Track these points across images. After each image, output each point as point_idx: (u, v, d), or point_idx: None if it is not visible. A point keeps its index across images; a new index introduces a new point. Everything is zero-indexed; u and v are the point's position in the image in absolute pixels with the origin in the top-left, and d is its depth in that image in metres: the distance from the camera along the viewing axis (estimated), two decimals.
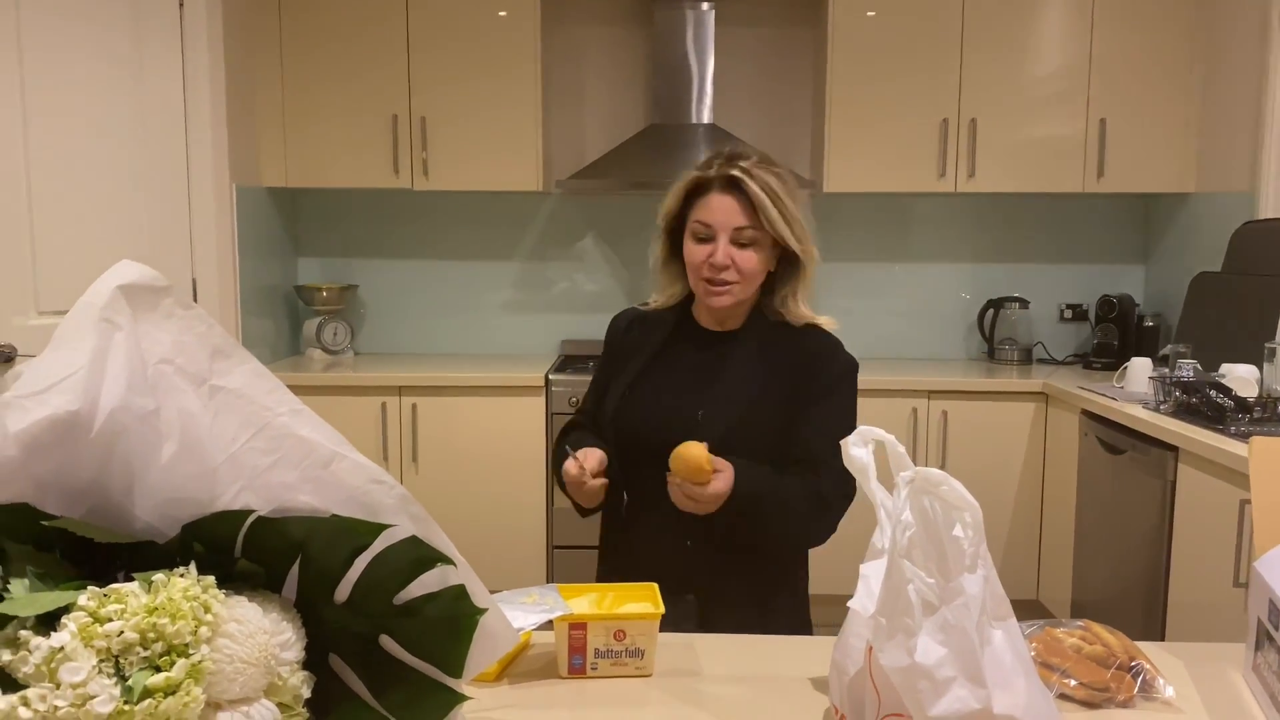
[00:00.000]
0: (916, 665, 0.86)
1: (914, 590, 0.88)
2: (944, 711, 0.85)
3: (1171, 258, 3.79)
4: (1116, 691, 1.03)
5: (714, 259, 1.62)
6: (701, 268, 1.64)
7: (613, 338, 1.85)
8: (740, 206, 1.62)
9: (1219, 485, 2.36)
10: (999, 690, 0.85)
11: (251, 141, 3.56)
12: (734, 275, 1.63)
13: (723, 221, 1.62)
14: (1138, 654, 1.07)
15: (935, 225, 4.00)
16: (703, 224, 1.64)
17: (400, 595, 0.92)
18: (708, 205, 1.64)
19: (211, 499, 0.88)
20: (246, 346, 3.11)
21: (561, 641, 1.10)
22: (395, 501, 0.90)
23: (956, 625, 0.86)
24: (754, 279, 1.66)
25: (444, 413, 3.47)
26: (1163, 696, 1.04)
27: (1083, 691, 1.03)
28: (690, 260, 1.67)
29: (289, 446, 0.89)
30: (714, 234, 1.63)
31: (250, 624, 0.85)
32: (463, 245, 4.03)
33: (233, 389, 0.87)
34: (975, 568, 0.89)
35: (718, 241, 1.62)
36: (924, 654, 0.86)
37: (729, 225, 1.62)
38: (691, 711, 1.05)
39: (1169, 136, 3.59)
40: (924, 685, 0.86)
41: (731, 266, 1.62)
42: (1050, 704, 0.91)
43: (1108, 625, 1.12)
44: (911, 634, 0.87)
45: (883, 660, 0.89)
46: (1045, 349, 3.97)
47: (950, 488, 0.89)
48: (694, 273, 1.67)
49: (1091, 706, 1.04)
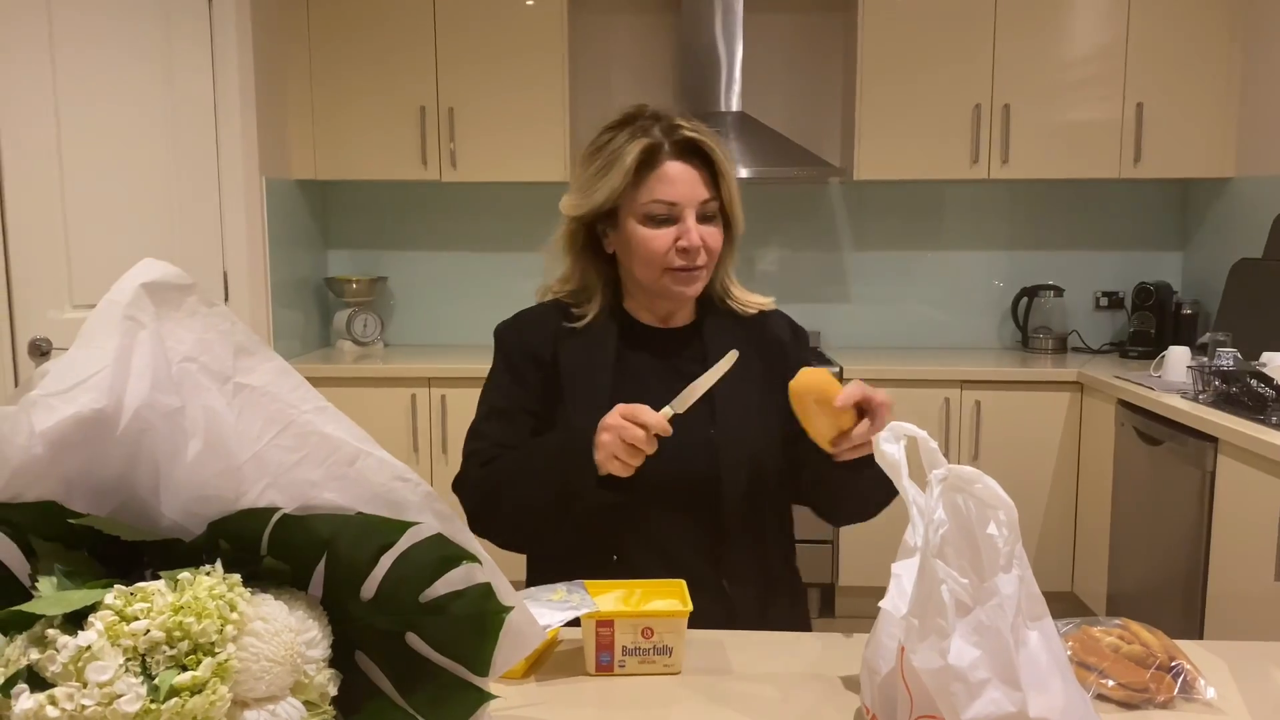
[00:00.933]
0: (950, 667, 0.84)
1: (947, 591, 0.86)
2: (978, 714, 0.83)
3: (1210, 244, 3.72)
4: (1156, 692, 1.01)
5: (687, 242, 1.38)
6: (666, 256, 1.39)
7: (516, 353, 1.54)
8: (701, 176, 1.39)
9: (1260, 477, 2.31)
10: (1034, 693, 0.83)
11: (281, 135, 3.57)
12: (704, 258, 1.40)
13: (689, 196, 1.38)
14: (1177, 653, 1.05)
15: (968, 212, 3.95)
16: (664, 202, 1.38)
17: (426, 593, 0.91)
18: (666, 178, 1.38)
19: (237, 496, 0.88)
20: (277, 339, 3.14)
21: (589, 639, 1.09)
22: (420, 499, 0.89)
23: (991, 626, 0.85)
24: (717, 258, 1.45)
25: (473, 404, 3.46)
26: (1204, 698, 1.01)
27: (1121, 692, 1.01)
28: (649, 248, 1.39)
29: (314, 444, 0.88)
30: (678, 213, 1.38)
31: (276, 622, 0.85)
32: (491, 236, 4.03)
33: (257, 386, 0.87)
34: (1010, 567, 0.87)
35: (685, 221, 1.38)
36: (957, 656, 0.84)
37: (694, 200, 1.38)
38: (721, 710, 1.03)
39: (1208, 120, 3.51)
40: (957, 688, 0.84)
41: (702, 248, 1.40)
42: (1087, 705, 0.89)
43: (1146, 623, 1.09)
44: (945, 635, 0.86)
45: (915, 662, 0.88)
46: (1080, 337, 3.91)
47: (985, 485, 0.87)
48: (652, 263, 1.40)
49: (1130, 707, 1.01)
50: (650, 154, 1.38)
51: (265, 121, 3.39)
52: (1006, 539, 0.86)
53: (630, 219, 1.41)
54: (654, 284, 1.43)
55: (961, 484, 0.88)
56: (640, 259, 1.41)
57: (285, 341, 3.59)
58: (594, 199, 1.41)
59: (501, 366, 1.55)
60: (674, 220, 1.38)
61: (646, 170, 1.38)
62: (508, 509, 1.39)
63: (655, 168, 1.38)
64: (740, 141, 3.60)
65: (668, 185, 1.38)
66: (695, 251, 1.39)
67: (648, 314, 1.51)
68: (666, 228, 1.39)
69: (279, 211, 3.53)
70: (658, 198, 1.38)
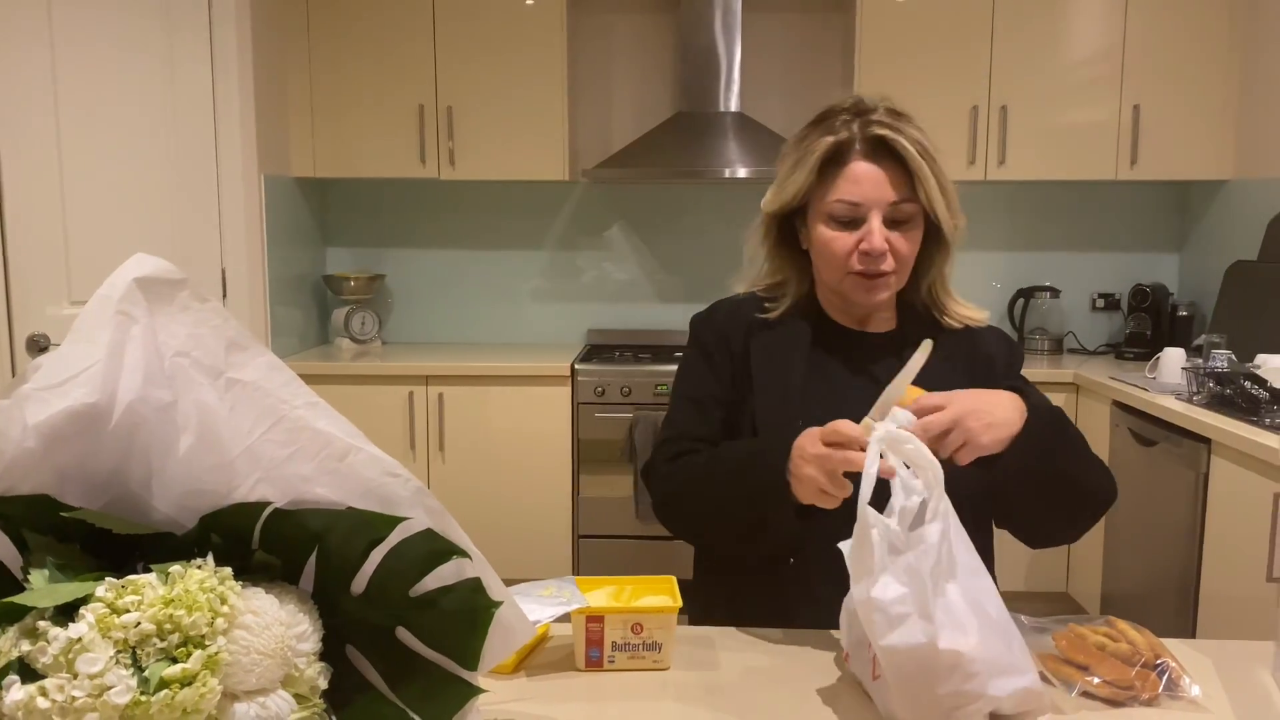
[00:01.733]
0: (874, 600, 0.94)
1: (877, 534, 0.96)
2: (894, 642, 0.93)
3: (1206, 246, 3.72)
4: (1141, 690, 1.01)
5: (869, 245, 1.30)
6: (849, 258, 1.32)
7: (710, 342, 1.46)
8: (891, 176, 1.31)
9: (1252, 478, 2.32)
10: (947, 629, 0.92)
11: (280, 132, 3.58)
12: (891, 264, 1.32)
13: (874, 197, 1.30)
14: (1163, 651, 1.05)
15: (965, 213, 3.94)
16: (847, 203, 1.31)
17: (416, 588, 0.92)
18: (851, 178, 1.31)
19: (229, 491, 0.89)
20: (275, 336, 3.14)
21: (579, 634, 1.10)
22: (411, 494, 0.90)
23: (916, 568, 0.94)
24: (909, 264, 1.36)
25: (471, 402, 3.49)
26: (1188, 695, 1.02)
27: (1106, 689, 1.02)
28: (831, 250, 1.33)
29: (305, 439, 0.89)
30: (862, 214, 1.31)
31: (267, 615, 0.86)
32: (490, 234, 4.04)
33: (249, 381, 0.87)
34: (935, 520, 0.96)
35: (869, 223, 1.30)
36: (882, 590, 0.94)
37: (882, 201, 1.30)
38: (709, 705, 1.04)
39: (1205, 122, 3.52)
40: (879, 618, 0.94)
41: (888, 253, 1.32)
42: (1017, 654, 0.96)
43: (1134, 622, 1.10)
44: (872, 572, 0.95)
45: (854, 594, 0.98)
46: (1076, 339, 3.92)
47: (915, 447, 0.99)
48: (835, 265, 1.34)
49: (1115, 704, 1.02)
50: (839, 151, 1.32)
51: (264, 119, 3.40)
52: (934, 495, 0.96)
53: (817, 218, 1.35)
54: (838, 286, 1.38)
55: (896, 445, 0.99)
56: (824, 260, 1.37)
57: (283, 339, 3.60)
58: (784, 195, 1.37)
59: (694, 355, 1.48)
60: (859, 222, 1.32)
61: (834, 168, 1.33)
62: (691, 515, 1.35)
63: (843, 166, 1.32)
64: (738, 141, 3.60)
65: (852, 185, 1.31)
66: (878, 256, 1.31)
67: (843, 315, 1.45)
68: (851, 230, 1.32)
69: (277, 209, 3.54)
70: (841, 198, 1.31)
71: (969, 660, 0.91)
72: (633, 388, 3.44)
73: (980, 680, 0.91)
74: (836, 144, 1.32)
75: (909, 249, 1.33)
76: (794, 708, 1.04)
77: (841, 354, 1.41)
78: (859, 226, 1.31)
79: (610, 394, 3.44)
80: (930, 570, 0.92)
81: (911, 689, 0.93)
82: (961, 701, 0.92)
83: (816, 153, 1.32)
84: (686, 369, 1.48)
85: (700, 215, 3.99)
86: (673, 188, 3.98)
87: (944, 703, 0.92)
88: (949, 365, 1.38)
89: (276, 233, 3.52)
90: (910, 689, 0.93)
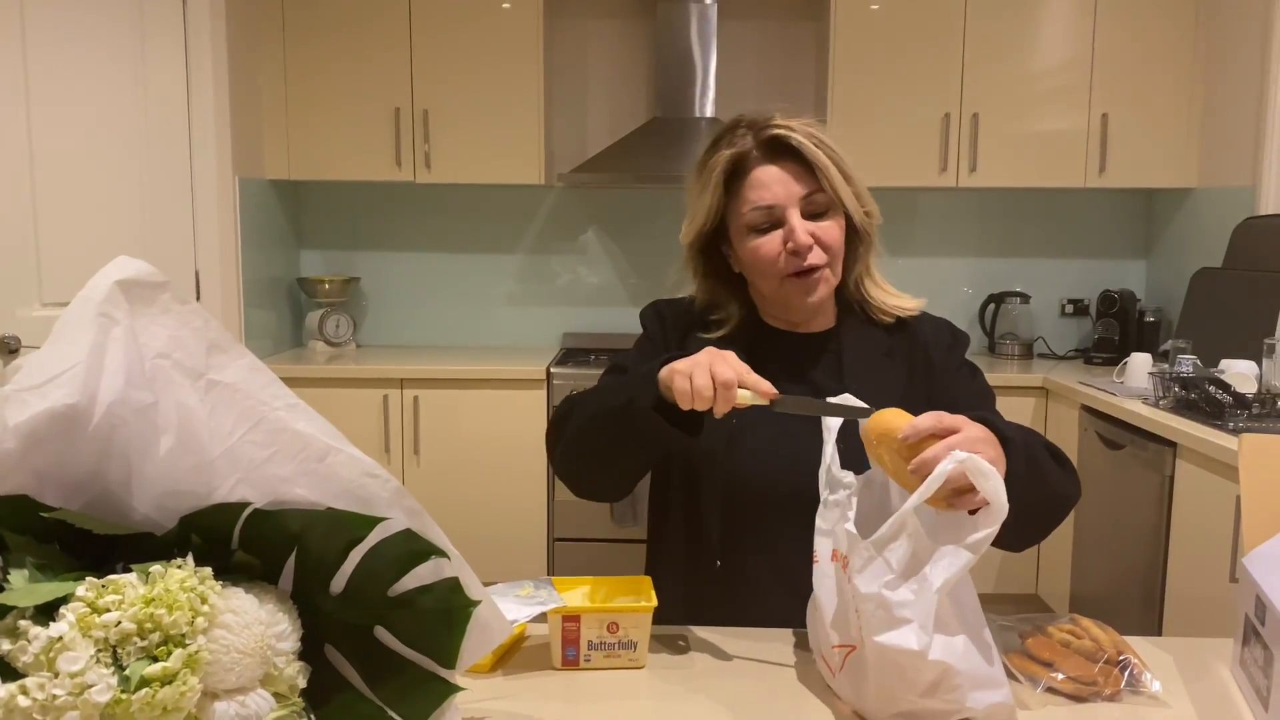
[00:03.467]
0: (882, 596, 0.95)
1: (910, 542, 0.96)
2: (887, 641, 0.94)
3: (1173, 253, 3.79)
4: (1104, 685, 1.04)
5: (794, 242, 1.30)
6: (779, 261, 1.32)
7: (658, 334, 1.45)
8: (794, 172, 1.32)
9: (1216, 481, 2.36)
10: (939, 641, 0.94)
11: (254, 134, 3.57)
12: (821, 256, 1.32)
13: (785, 195, 1.31)
14: (1126, 649, 1.08)
15: (937, 220, 4.01)
16: (762, 208, 1.32)
17: (395, 587, 0.93)
18: (757, 184, 1.32)
19: (209, 491, 0.89)
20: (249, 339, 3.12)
21: (555, 634, 1.11)
22: (390, 495, 0.91)
23: (929, 581, 0.94)
24: (840, 255, 1.35)
25: (446, 405, 3.49)
26: (1149, 691, 1.05)
27: (1070, 685, 1.04)
28: (759, 257, 1.33)
29: (285, 440, 0.90)
30: (779, 215, 1.31)
31: (247, 615, 0.86)
32: (465, 238, 4.05)
33: (229, 383, 0.88)
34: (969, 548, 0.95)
35: (789, 221, 1.31)
36: (893, 592, 0.95)
37: (793, 197, 1.31)
38: (684, 703, 1.06)
39: (1171, 132, 3.58)
40: (880, 614, 0.95)
41: (815, 245, 1.31)
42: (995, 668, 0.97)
43: (1098, 620, 1.13)
44: (891, 572, 0.96)
45: (858, 580, 0.97)
46: (1046, 344, 3.97)
47: (995, 484, 0.94)
48: (768, 272, 1.34)
49: (1078, 700, 1.05)
50: (739, 162, 1.34)
51: (239, 121, 3.38)
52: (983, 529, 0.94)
53: (738, 234, 1.36)
54: (777, 295, 1.37)
55: (977, 474, 0.94)
56: (757, 271, 1.36)
57: (257, 341, 3.59)
58: (697, 221, 1.38)
59: (642, 340, 1.48)
60: (779, 224, 1.32)
61: (738, 180, 1.34)
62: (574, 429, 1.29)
63: (745, 176, 1.33)
64: None
65: (760, 190, 1.32)
66: (805, 250, 1.30)
67: (784, 322, 1.44)
68: (773, 233, 1.32)
69: (252, 211, 3.52)
70: (754, 204, 1.32)
71: (954, 673, 0.93)
72: None
73: (960, 693, 0.94)
74: (735, 156, 1.33)
75: (834, 238, 1.33)
76: (770, 704, 1.06)
77: (781, 355, 1.40)
78: (779, 228, 1.32)
79: None
80: (940, 587, 0.93)
81: (891, 689, 0.95)
82: (939, 708, 0.94)
83: (718, 169, 1.34)
84: (631, 350, 1.47)
85: (675, 220, 3.96)
86: (648, 192, 4.00)
87: (921, 707, 0.95)
88: (889, 360, 1.40)
89: (250, 235, 3.51)
90: (890, 689, 0.95)
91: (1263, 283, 2.93)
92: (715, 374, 1.07)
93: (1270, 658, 0.97)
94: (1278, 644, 0.95)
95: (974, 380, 1.42)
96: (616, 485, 1.34)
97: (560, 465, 1.34)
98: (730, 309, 1.42)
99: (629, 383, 1.22)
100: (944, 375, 1.39)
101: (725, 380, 1.07)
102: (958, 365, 1.43)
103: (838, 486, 1.06)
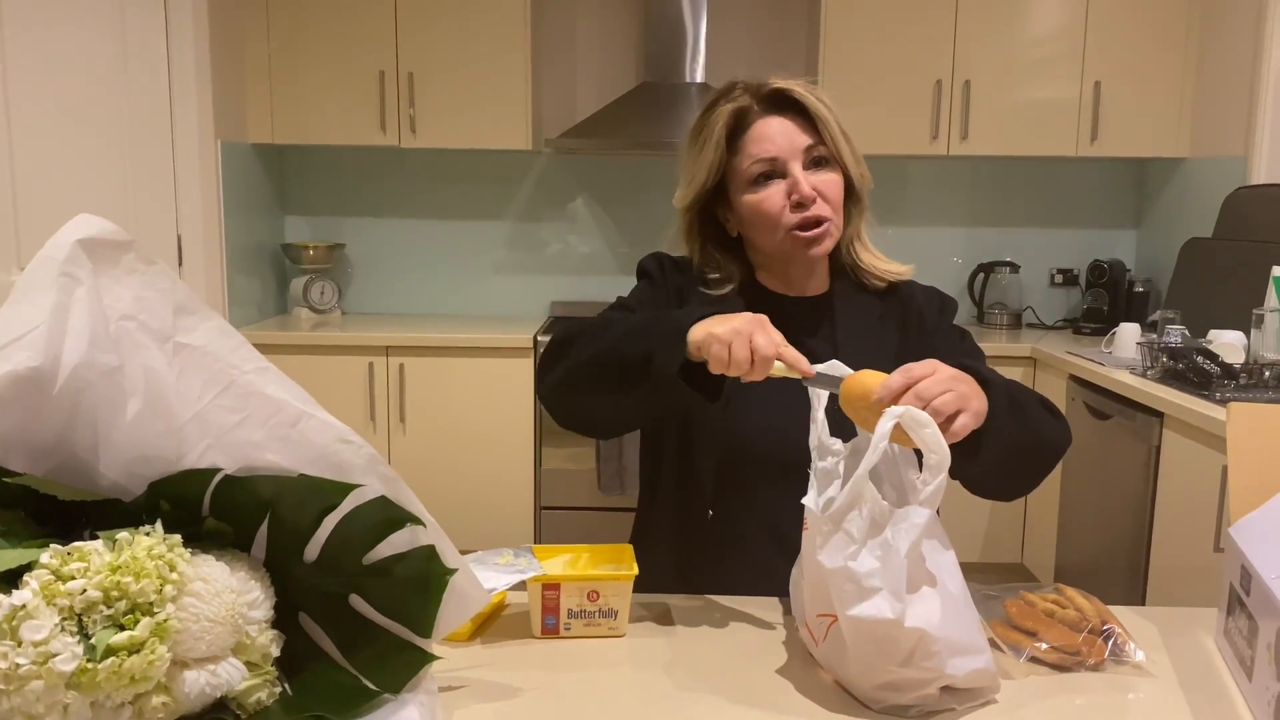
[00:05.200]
0: (848, 569, 0.94)
1: (867, 510, 0.94)
2: (861, 613, 0.92)
3: (1163, 223, 3.77)
4: (1087, 655, 1.03)
5: (799, 193, 1.28)
6: (783, 214, 1.29)
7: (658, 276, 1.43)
8: (798, 125, 1.30)
9: (1203, 451, 2.36)
10: (914, 608, 0.93)
11: (237, 97, 3.52)
12: (825, 208, 1.30)
13: (789, 147, 1.29)
14: (1110, 618, 1.07)
15: (927, 188, 3.98)
16: (765, 160, 1.30)
17: (370, 555, 0.91)
18: (760, 136, 1.31)
19: (178, 457, 0.88)
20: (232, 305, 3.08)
21: (535, 602, 1.10)
22: (364, 461, 0.89)
23: (894, 546, 0.93)
24: (841, 210, 1.33)
25: (432, 373, 3.46)
26: (1133, 660, 1.04)
27: (1053, 655, 1.03)
28: (763, 211, 1.31)
29: (255, 404, 0.88)
30: (782, 167, 1.30)
31: (217, 583, 0.85)
32: (452, 204, 4.00)
33: (197, 346, 0.86)
34: (926, 505, 0.94)
35: (793, 173, 1.29)
36: (859, 563, 0.94)
37: (797, 149, 1.29)
38: (664, 671, 1.05)
39: (1164, 101, 3.56)
40: (850, 588, 0.93)
41: (819, 197, 1.29)
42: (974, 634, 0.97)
43: (1083, 590, 1.12)
44: (853, 543, 0.94)
45: (821, 556, 0.96)
46: (1035, 313, 3.96)
47: (932, 432, 0.95)
48: (771, 227, 1.31)
49: (1062, 670, 1.04)
50: (740, 118, 1.32)
51: (221, 84, 3.33)
52: (934, 482, 0.94)
53: (739, 190, 1.33)
54: (780, 250, 1.34)
55: (914, 425, 0.95)
56: (759, 227, 1.33)
57: (241, 308, 3.55)
58: (696, 180, 1.35)
59: (642, 285, 1.44)
60: (781, 177, 1.30)
61: (740, 136, 1.32)
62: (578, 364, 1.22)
63: (747, 130, 1.32)
64: None
65: (764, 142, 1.30)
66: (810, 200, 1.28)
67: (782, 283, 1.42)
68: (775, 185, 1.30)
69: (235, 176, 3.48)
70: (756, 157, 1.30)
71: (931, 639, 0.92)
72: None
73: (939, 659, 0.92)
74: (736, 110, 1.32)
75: (836, 192, 1.32)
76: (752, 673, 1.05)
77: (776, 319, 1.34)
78: (782, 181, 1.30)
79: None
80: (907, 550, 0.92)
81: (870, 660, 0.94)
82: (919, 676, 0.94)
83: (719, 123, 1.32)
84: (631, 292, 1.45)
85: (665, 187, 3.92)
86: (637, 159, 3.96)
87: (901, 676, 0.94)
88: (880, 324, 1.40)
89: (233, 200, 3.46)
90: (869, 660, 0.94)
91: (1252, 253, 2.92)
92: (755, 346, 1.05)
93: (1255, 628, 0.96)
94: (1262, 614, 0.95)
95: (963, 342, 1.42)
96: (611, 427, 1.35)
97: (551, 394, 1.29)
98: (729, 270, 1.40)
99: (648, 331, 1.15)
100: (935, 338, 1.39)
101: (765, 355, 1.05)
102: (948, 328, 1.43)
103: (826, 454, 1.05)
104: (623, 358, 1.15)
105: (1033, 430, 1.19)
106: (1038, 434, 1.21)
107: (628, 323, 1.22)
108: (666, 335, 1.11)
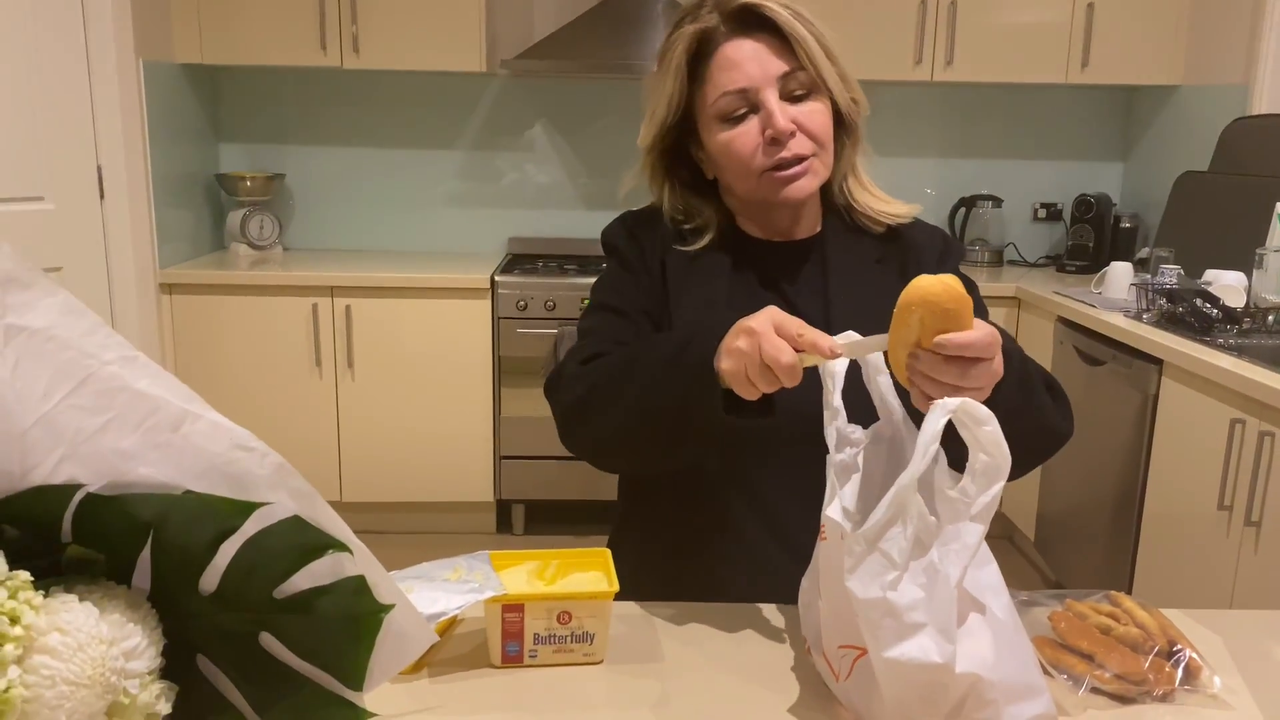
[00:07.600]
0: (887, 601, 0.77)
1: (911, 528, 0.78)
2: (902, 655, 0.76)
3: (1153, 155, 3.60)
4: (1155, 683, 0.87)
5: (774, 129, 1.10)
6: (756, 154, 1.12)
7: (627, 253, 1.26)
8: (771, 47, 1.11)
9: (1204, 401, 2.23)
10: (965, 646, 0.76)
11: (161, 11, 3.20)
12: (806, 144, 1.12)
13: (760, 74, 1.11)
14: (1177, 635, 0.91)
15: (904, 117, 3.77)
16: (733, 92, 1.11)
17: (283, 587, 0.73)
18: (727, 63, 1.12)
19: (23, 471, 0.69)
20: (162, 242, 2.77)
21: (494, 626, 0.90)
22: (270, 473, 0.70)
23: (942, 572, 0.76)
24: (828, 145, 1.15)
25: (381, 315, 3.23)
26: (1210, 689, 0.87)
27: (1115, 684, 0.87)
28: (734, 151, 1.14)
29: (123, 403, 0.68)
30: (753, 99, 1.12)
31: (80, 633, 0.67)
32: (401, 131, 3.73)
33: (37, 329, 0.65)
34: (979, 520, 0.77)
35: (766, 105, 1.11)
36: (900, 593, 0.77)
37: (770, 76, 1.11)
38: (651, 711, 0.87)
39: (1158, 24, 3.36)
40: (889, 624, 0.77)
41: (798, 131, 1.12)
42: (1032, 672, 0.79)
43: (1140, 599, 0.95)
44: (893, 568, 0.78)
45: (851, 583, 0.79)
46: (1017, 249, 3.80)
47: (993, 429, 0.77)
48: (744, 169, 1.14)
49: (1126, 701, 0.87)
50: (703, 41, 1.13)
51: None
52: (991, 490, 0.77)
53: (708, 128, 1.16)
54: (756, 194, 1.17)
55: (970, 421, 0.77)
56: (732, 170, 1.16)
57: (172, 244, 3.28)
58: (658, 115, 1.17)
59: (613, 265, 1.27)
60: (754, 110, 1.12)
61: (704, 63, 1.14)
62: (602, 418, 1.09)
63: (712, 55, 1.13)
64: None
65: (731, 71, 1.11)
66: (785, 136, 1.10)
67: (766, 229, 1.24)
68: (748, 121, 1.12)
69: (160, 99, 3.18)
70: (725, 89, 1.12)
71: (986, 685, 0.74)
72: (557, 301, 3.22)
73: (995, 709, 0.75)
74: (699, 31, 1.13)
75: (820, 123, 1.13)
76: (755, 713, 0.87)
77: (761, 268, 1.22)
78: (755, 115, 1.12)
79: (533, 308, 3.22)
80: (959, 579, 0.74)
81: (910, 711, 0.76)
82: None
83: (679, 47, 1.14)
84: (605, 279, 1.28)
85: (631, 114, 3.71)
86: (600, 84, 3.70)
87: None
88: (880, 267, 1.23)
89: (160, 126, 3.17)
90: (908, 710, 0.77)
91: (1253, 188, 2.76)
92: (770, 361, 0.90)
93: None
94: None
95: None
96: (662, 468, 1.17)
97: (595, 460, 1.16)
98: (706, 215, 1.22)
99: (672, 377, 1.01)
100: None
101: (784, 365, 0.89)
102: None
103: (845, 444, 0.86)
104: (658, 415, 1.03)
105: (1037, 415, 1.04)
106: (1040, 418, 1.05)
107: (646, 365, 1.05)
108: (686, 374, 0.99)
